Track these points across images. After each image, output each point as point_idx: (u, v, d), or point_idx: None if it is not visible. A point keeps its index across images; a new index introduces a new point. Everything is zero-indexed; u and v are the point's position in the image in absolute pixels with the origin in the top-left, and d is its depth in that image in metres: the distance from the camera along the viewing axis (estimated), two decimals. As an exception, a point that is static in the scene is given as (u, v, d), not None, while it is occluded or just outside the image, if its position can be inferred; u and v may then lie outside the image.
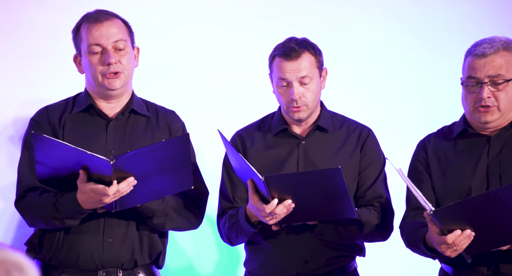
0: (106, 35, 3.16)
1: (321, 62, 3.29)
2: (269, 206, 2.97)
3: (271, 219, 3.01)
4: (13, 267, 1.47)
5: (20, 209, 3.14)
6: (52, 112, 3.22)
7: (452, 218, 2.84)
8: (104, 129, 3.21)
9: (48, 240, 3.15)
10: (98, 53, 3.16)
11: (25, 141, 3.19)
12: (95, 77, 3.17)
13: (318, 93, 3.28)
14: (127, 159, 2.85)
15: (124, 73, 3.17)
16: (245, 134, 3.36)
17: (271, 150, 3.30)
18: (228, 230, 3.23)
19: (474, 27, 4.17)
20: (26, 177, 3.14)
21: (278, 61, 3.24)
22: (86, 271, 3.14)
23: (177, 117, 3.34)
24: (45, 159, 2.92)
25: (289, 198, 2.97)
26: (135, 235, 3.18)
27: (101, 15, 3.18)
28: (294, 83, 3.22)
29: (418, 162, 3.22)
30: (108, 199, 2.93)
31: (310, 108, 3.26)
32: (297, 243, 3.23)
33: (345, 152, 3.29)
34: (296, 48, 3.23)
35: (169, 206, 3.15)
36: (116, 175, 2.88)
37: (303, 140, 3.30)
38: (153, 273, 3.24)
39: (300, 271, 3.23)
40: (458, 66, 3.14)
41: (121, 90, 3.20)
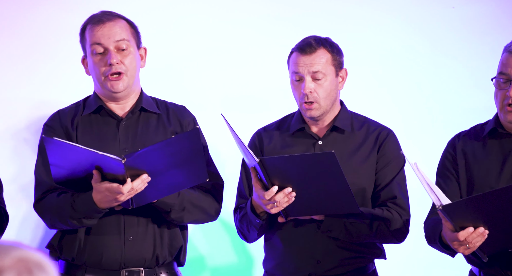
0: (107, 35, 3.17)
1: (338, 61, 3.27)
2: (268, 192, 2.98)
3: (272, 207, 3.02)
4: (34, 265, 1.48)
5: (39, 211, 3.17)
6: (64, 116, 3.25)
7: (463, 214, 2.80)
8: (115, 129, 3.23)
9: (69, 242, 3.18)
10: (101, 54, 3.17)
11: (40, 145, 3.22)
12: (99, 78, 3.19)
13: (332, 92, 3.26)
14: (139, 156, 2.87)
15: (127, 74, 3.18)
16: (263, 133, 3.37)
17: (287, 149, 3.30)
18: (239, 223, 3.25)
19: (493, 27, 4.15)
20: (43, 180, 3.17)
21: (294, 56, 3.27)
22: (109, 271, 3.17)
23: (188, 111, 3.35)
24: (59, 161, 2.95)
25: (289, 186, 2.98)
26: (156, 231, 3.20)
27: (104, 16, 3.20)
28: (306, 78, 3.22)
29: (446, 159, 3.19)
30: (123, 197, 2.95)
31: (322, 106, 3.25)
32: (309, 242, 3.22)
33: (362, 153, 3.27)
34: (313, 43, 3.24)
35: (185, 199, 3.17)
36: (129, 173, 2.90)
37: (320, 140, 3.30)
38: (174, 273, 3.26)
39: (312, 271, 3.22)
40: (477, 66, 3.13)
41: (126, 92, 3.21)
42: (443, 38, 4.16)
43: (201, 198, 3.22)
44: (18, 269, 1.46)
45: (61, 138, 3.11)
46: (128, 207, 3.03)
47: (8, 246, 1.49)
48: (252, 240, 3.31)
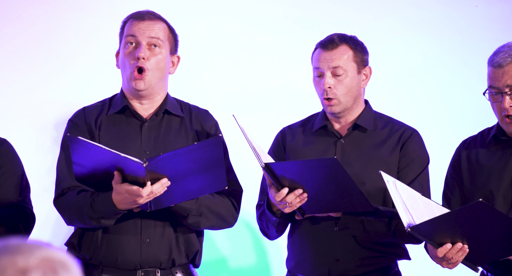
0: (143, 30, 3.18)
1: (361, 59, 3.27)
2: (278, 194, 3.00)
3: (284, 207, 3.03)
4: (59, 265, 1.48)
5: (58, 207, 3.18)
6: (89, 113, 3.26)
7: (436, 233, 2.80)
8: (138, 131, 3.23)
9: (87, 240, 3.19)
10: (132, 46, 3.19)
11: (63, 141, 3.23)
12: (126, 71, 3.20)
13: (353, 89, 3.25)
14: (160, 161, 2.88)
15: (149, 73, 3.17)
16: (288, 131, 3.37)
17: (309, 146, 3.30)
18: (259, 220, 3.27)
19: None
20: (64, 176, 3.18)
21: (316, 51, 3.28)
22: (125, 271, 3.18)
23: (210, 116, 3.36)
24: (81, 160, 2.96)
25: (300, 187, 2.98)
26: (172, 235, 3.21)
27: (147, 15, 3.22)
28: (326, 73, 3.22)
29: (452, 168, 3.20)
30: (142, 200, 2.96)
31: (342, 102, 3.24)
32: (328, 240, 3.22)
33: (384, 151, 3.26)
34: (335, 39, 3.25)
35: (203, 205, 3.17)
36: (150, 176, 2.90)
37: (342, 138, 3.29)
38: (190, 272, 3.26)
39: (331, 270, 3.22)
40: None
41: (148, 91, 3.21)
42: (466, 36, 4.14)
43: (219, 204, 3.23)
44: (43, 268, 1.46)
45: (84, 135, 3.13)
46: (146, 210, 3.04)
47: (33, 245, 1.49)
48: (273, 237, 3.31)
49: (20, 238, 3.07)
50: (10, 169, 3.18)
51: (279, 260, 3.85)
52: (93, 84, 3.86)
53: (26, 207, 3.18)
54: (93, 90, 3.83)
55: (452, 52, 4.14)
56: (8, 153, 3.20)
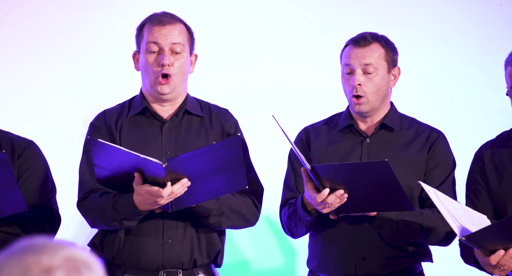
0: (165, 36, 3.20)
1: (392, 58, 3.25)
2: (319, 195, 2.98)
3: (324, 208, 3.01)
4: (82, 264, 1.49)
5: (82, 210, 3.20)
6: (109, 116, 3.27)
7: (489, 240, 2.78)
8: (159, 131, 3.25)
9: (109, 241, 3.20)
10: (155, 53, 3.20)
11: (85, 145, 3.26)
12: (149, 77, 3.21)
13: (383, 88, 3.24)
14: (179, 161, 2.89)
15: (174, 78, 3.19)
16: (311, 129, 3.36)
17: (334, 145, 3.29)
18: (287, 219, 3.25)
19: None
20: (87, 179, 3.20)
21: (347, 48, 3.26)
22: (147, 271, 3.19)
23: (230, 115, 3.36)
24: (102, 162, 2.98)
25: (341, 188, 2.97)
26: (194, 235, 3.21)
27: (165, 18, 3.23)
28: (357, 70, 3.20)
29: (475, 172, 3.16)
30: (163, 201, 2.97)
31: (370, 101, 3.22)
32: (354, 239, 3.20)
33: (410, 152, 3.24)
34: (368, 37, 3.24)
35: (224, 204, 3.17)
36: (170, 177, 2.91)
37: (368, 137, 3.27)
38: (212, 273, 3.27)
39: (357, 269, 3.20)
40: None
41: (172, 95, 3.23)
42: (490, 36, 4.11)
43: (240, 203, 3.23)
44: (67, 268, 1.47)
45: (105, 138, 3.15)
46: (168, 210, 3.05)
47: (57, 245, 1.50)
48: (298, 236, 3.30)
49: (45, 237, 3.10)
50: (37, 170, 3.21)
51: (304, 260, 3.85)
52: (118, 84, 3.88)
53: (52, 208, 3.20)
54: (118, 90, 3.84)
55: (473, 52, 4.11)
56: (35, 154, 3.22)
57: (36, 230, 3.11)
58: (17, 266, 1.45)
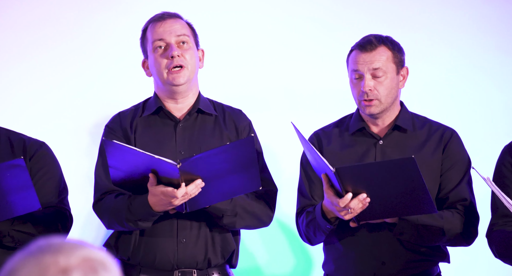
0: (169, 30, 3.22)
1: (399, 59, 3.24)
2: (343, 200, 2.95)
3: (346, 214, 2.99)
4: (99, 264, 1.49)
5: (98, 212, 3.22)
6: (124, 118, 3.29)
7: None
8: (173, 131, 3.26)
9: (124, 241, 3.22)
10: (162, 49, 3.22)
11: (101, 147, 3.27)
12: (160, 74, 3.22)
13: (393, 89, 3.22)
14: (194, 162, 2.90)
15: (188, 68, 3.21)
16: (322, 134, 3.34)
17: (347, 149, 3.27)
18: (306, 227, 3.22)
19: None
20: (102, 181, 3.22)
21: (353, 54, 3.23)
22: (162, 271, 3.20)
23: (244, 115, 3.37)
24: (117, 164, 2.99)
25: (363, 192, 2.95)
26: (208, 235, 3.22)
27: (165, 15, 3.27)
28: (366, 75, 3.18)
29: (503, 167, 3.14)
30: (177, 201, 2.98)
31: (382, 103, 3.21)
32: (373, 243, 3.18)
33: (426, 152, 3.22)
34: (373, 40, 3.21)
35: (238, 205, 3.18)
36: (184, 177, 2.92)
37: (381, 139, 3.26)
38: (227, 273, 3.28)
39: (377, 273, 3.18)
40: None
41: (185, 87, 3.23)
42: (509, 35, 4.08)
43: (253, 204, 3.23)
44: (84, 268, 1.47)
45: (120, 139, 3.17)
46: (182, 211, 3.06)
47: (74, 245, 1.50)
48: (316, 243, 3.29)
49: (61, 237, 3.12)
50: (49, 171, 3.22)
51: (317, 263, 3.84)
52: (131, 87, 3.88)
53: (64, 208, 3.22)
54: (131, 92, 3.85)
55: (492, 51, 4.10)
56: (46, 155, 3.24)
57: (49, 230, 3.13)
58: (35, 266, 1.45)
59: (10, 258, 1.48)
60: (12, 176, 2.90)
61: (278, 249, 3.96)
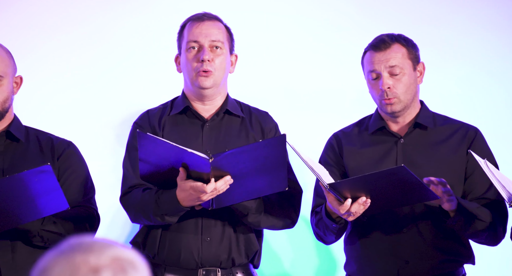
0: (205, 33, 3.24)
1: (415, 55, 3.23)
2: (343, 207, 2.97)
3: (348, 216, 3.01)
4: (128, 264, 1.51)
5: (124, 205, 3.25)
6: (152, 116, 3.32)
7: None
8: (200, 130, 3.28)
9: (151, 239, 3.24)
10: (195, 50, 3.25)
11: (129, 142, 3.30)
12: (189, 74, 3.25)
13: (412, 86, 3.21)
14: (225, 157, 2.92)
15: (215, 73, 3.23)
16: (341, 135, 3.34)
17: (367, 149, 3.27)
18: (316, 227, 3.25)
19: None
20: (130, 175, 3.24)
21: (368, 55, 3.23)
22: (187, 269, 3.22)
23: (270, 117, 3.39)
24: (148, 156, 3.01)
25: (362, 195, 2.97)
26: (232, 235, 3.24)
27: (205, 16, 3.29)
28: (383, 74, 3.17)
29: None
30: (206, 197, 3.00)
31: (402, 101, 3.20)
32: (396, 242, 3.18)
33: (447, 149, 3.20)
34: (386, 39, 3.21)
35: (263, 204, 3.20)
36: (213, 173, 2.94)
37: (402, 138, 3.25)
38: (250, 273, 3.29)
39: (400, 273, 3.17)
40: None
41: (212, 91, 3.26)
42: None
43: (278, 204, 3.24)
44: (113, 267, 1.49)
45: None
46: (208, 208, 3.08)
47: (104, 244, 1.52)
48: (330, 242, 3.30)
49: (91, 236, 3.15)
50: (76, 170, 3.25)
51: (340, 263, 3.83)
52: (155, 85, 3.91)
53: (91, 208, 3.25)
54: (153, 91, 3.88)
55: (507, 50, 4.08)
56: (73, 155, 3.27)
57: (77, 229, 3.15)
58: (66, 265, 1.47)
59: (43, 256, 1.50)
60: (39, 181, 2.92)
61: (301, 249, 3.96)
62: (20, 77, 3.23)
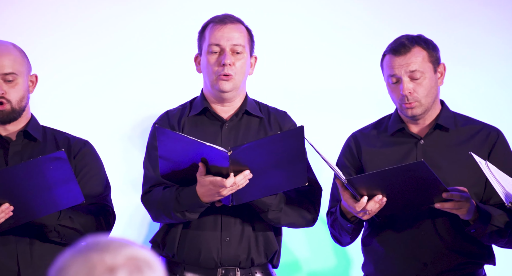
0: (227, 37, 3.25)
1: (435, 57, 3.19)
2: (359, 204, 2.97)
3: (364, 215, 3.00)
4: (144, 263, 1.51)
5: (145, 203, 3.27)
6: (172, 117, 3.34)
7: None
8: (219, 131, 3.30)
9: (171, 238, 3.26)
10: (216, 53, 3.26)
11: (149, 142, 3.32)
12: (209, 77, 3.27)
13: (433, 89, 3.18)
14: (244, 150, 2.93)
15: (235, 77, 3.25)
16: (359, 136, 3.33)
17: (387, 150, 3.25)
18: (331, 228, 3.25)
19: None
20: (151, 174, 3.27)
21: (387, 58, 3.19)
22: (206, 269, 3.24)
23: (288, 117, 3.39)
24: (167, 153, 3.04)
25: (378, 193, 2.96)
26: (251, 234, 3.25)
27: (227, 18, 3.29)
28: (404, 78, 3.14)
29: None
30: (226, 192, 3.01)
31: (423, 104, 3.17)
32: (415, 244, 3.16)
33: (469, 150, 3.13)
34: (406, 43, 3.17)
35: (283, 200, 3.20)
36: (232, 168, 2.96)
37: (422, 139, 3.23)
38: (269, 273, 3.30)
39: (419, 274, 3.16)
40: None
41: (231, 94, 3.28)
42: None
43: (298, 201, 3.25)
44: (129, 267, 1.50)
45: None
46: (228, 204, 3.09)
47: (120, 243, 1.52)
48: (345, 243, 3.29)
49: (107, 235, 3.17)
50: (92, 168, 3.27)
51: (356, 263, 3.83)
52: (172, 87, 3.91)
53: (107, 205, 3.27)
54: (168, 91, 3.88)
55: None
56: (90, 153, 3.29)
57: (93, 226, 3.18)
58: (83, 264, 1.48)
59: (60, 256, 1.51)
60: (54, 169, 2.95)
61: (317, 247, 3.96)
62: (35, 76, 3.26)
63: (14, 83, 3.17)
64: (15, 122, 3.22)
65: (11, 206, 2.98)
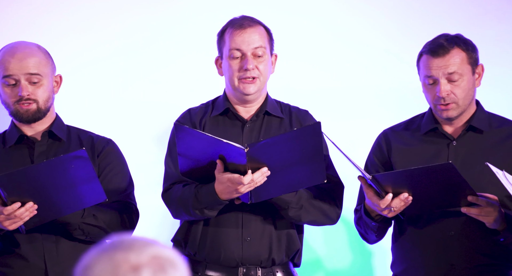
0: (247, 41, 3.26)
1: (474, 59, 3.13)
2: (383, 201, 2.95)
3: (388, 213, 2.99)
4: (167, 262, 1.53)
5: (166, 200, 3.29)
6: (194, 115, 3.35)
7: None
8: (240, 132, 3.32)
9: (192, 237, 3.27)
10: (238, 58, 3.26)
11: (170, 140, 3.34)
12: (232, 81, 3.27)
13: (470, 90, 3.12)
14: (261, 147, 2.95)
15: (260, 79, 3.26)
16: (390, 133, 3.29)
17: (417, 148, 3.21)
18: (357, 225, 3.24)
19: None
20: (172, 171, 3.29)
21: (425, 58, 3.13)
22: (227, 267, 3.25)
23: (310, 116, 3.39)
24: (186, 150, 3.06)
25: (405, 191, 2.95)
26: (273, 233, 3.26)
27: (245, 22, 3.29)
28: (441, 80, 3.08)
29: None
30: (243, 189, 3.02)
31: (460, 106, 3.12)
32: (442, 245, 3.14)
33: (504, 152, 3.14)
34: (445, 44, 3.11)
35: (304, 197, 3.20)
36: (250, 165, 2.97)
37: (455, 140, 3.19)
38: (290, 272, 3.30)
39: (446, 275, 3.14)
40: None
41: (255, 96, 3.29)
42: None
43: (319, 198, 3.24)
44: (153, 266, 1.51)
45: None
46: (247, 202, 3.09)
47: (144, 242, 1.54)
48: (372, 241, 3.27)
49: (130, 232, 3.19)
50: (115, 166, 3.31)
51: (383, 261, 3.81)
52: (194, 87, 3.93)
53: (130, 203, 3.31)
54: (194, 93, 3.90)
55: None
56: (113, 151, 3.33)
57: (116, 224, 3.22)
58: (108, 263, 1.50)
59: (85, 254, 1.53)
60: (76, 167, 2.99)
61: (343, 246, 3.95)
62: (59, 76, 3.30)
63: (39, 84, 3.21)
64: (40, 122, 3.26)
65: (35, 204, 3.02)
